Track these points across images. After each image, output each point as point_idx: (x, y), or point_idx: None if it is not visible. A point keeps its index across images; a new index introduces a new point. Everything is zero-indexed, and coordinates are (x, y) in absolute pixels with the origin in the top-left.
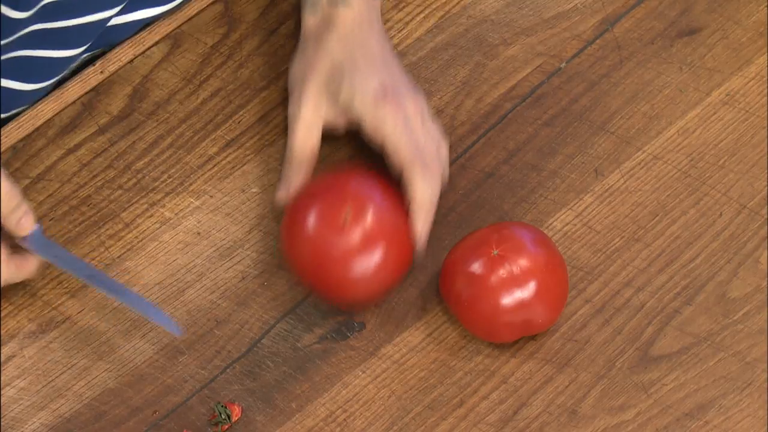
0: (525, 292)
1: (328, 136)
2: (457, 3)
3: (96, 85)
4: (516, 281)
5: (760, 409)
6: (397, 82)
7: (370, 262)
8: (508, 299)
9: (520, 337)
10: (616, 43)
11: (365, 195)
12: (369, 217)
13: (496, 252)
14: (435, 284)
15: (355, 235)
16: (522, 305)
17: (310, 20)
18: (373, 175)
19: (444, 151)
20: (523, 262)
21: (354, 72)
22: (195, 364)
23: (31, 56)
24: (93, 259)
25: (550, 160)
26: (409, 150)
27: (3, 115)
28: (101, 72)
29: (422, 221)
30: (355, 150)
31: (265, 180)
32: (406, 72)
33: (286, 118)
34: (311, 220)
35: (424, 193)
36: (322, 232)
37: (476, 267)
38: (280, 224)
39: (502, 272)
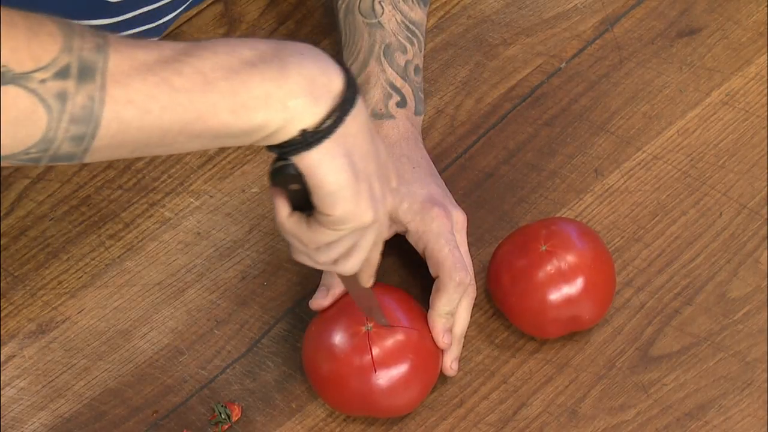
0: (573, 288)
1: None
2: (457, 3)
3: None
4: (564, 277)
5: (760, 409)
6: (444, 197)
7: (391, 378)
8: (556, 295)
9: (566, 333)
10: (616, 43)
11: (390, 310)
12: (392, 332)
13: (544, 248)
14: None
15: (378, 349)
16: (569, 301)
17: None
18: (399, 292)
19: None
20: (571, 258)
21: (401, 182)
22: (195, 364)
23: None
24: (93, 259)
25: (550, 160)
26: (451, 257)
27: None
28: None
29: (442, 327)
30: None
31: (265, 180)
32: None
33: None
34: (333, 333)
35: (450, 302)
36: (343, 347)
37: (524, 263)
38: (304, 335)
39: (550, 268)
